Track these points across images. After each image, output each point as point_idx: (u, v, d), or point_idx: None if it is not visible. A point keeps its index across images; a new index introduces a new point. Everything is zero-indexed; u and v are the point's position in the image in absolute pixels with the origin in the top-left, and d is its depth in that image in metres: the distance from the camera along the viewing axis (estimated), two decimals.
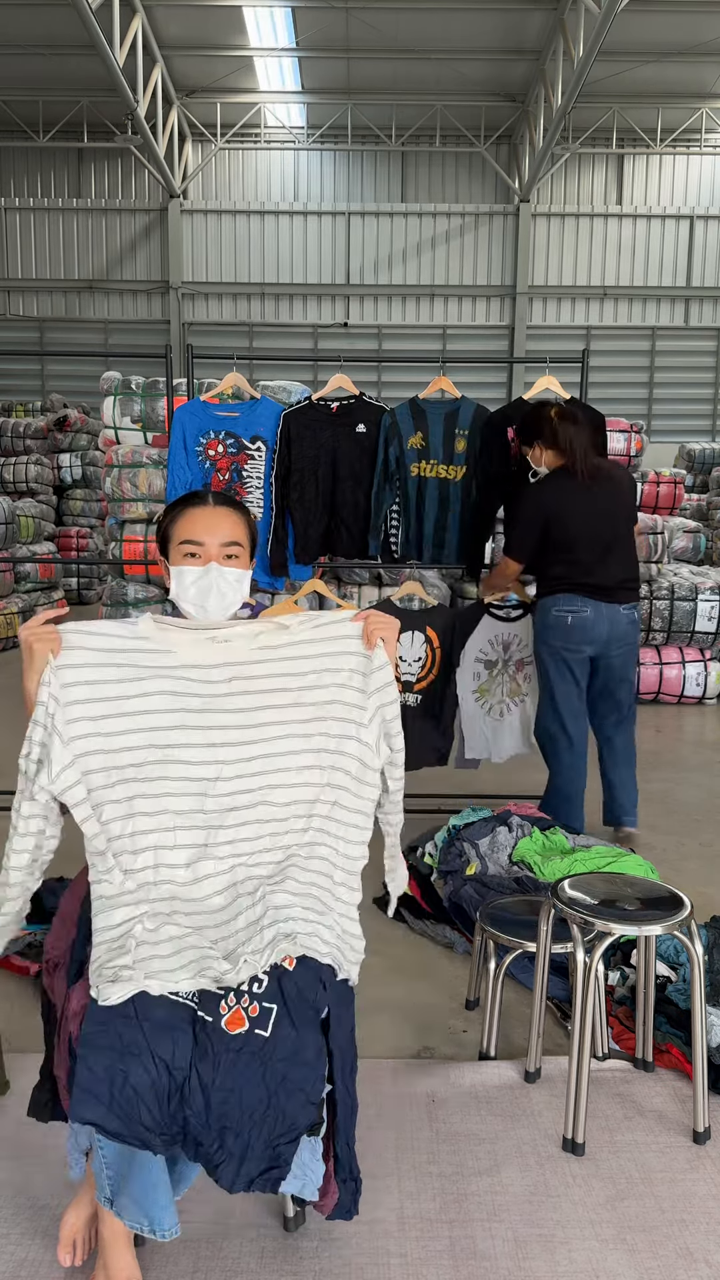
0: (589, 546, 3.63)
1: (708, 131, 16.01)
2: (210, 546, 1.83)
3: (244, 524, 1.90)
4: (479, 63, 13.89)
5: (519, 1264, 1.82)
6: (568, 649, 3.68)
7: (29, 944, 2.84)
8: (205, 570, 1.82)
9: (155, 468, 6.64)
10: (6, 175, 16.36)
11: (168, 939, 1.64)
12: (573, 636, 3.66)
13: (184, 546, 1.84)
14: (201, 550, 1.83)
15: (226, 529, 1.85)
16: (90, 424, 12.06)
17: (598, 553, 3.64)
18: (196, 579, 1.82)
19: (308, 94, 15.09)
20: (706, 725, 6.28)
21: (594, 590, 3.64)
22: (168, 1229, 1.64)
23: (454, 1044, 2.57)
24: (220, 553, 1.84)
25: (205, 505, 1.87)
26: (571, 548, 3.63)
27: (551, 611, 3.69)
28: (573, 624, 3.65)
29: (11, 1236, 1.87)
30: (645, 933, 2.12)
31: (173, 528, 1.88)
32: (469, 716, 4.02)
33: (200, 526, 1.84)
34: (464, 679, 3.99)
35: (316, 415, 3.93)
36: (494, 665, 4.03)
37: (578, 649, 3.68)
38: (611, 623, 3.66)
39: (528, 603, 4.04)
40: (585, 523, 3.62)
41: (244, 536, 1.88)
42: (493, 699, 4.05)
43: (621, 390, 16.26)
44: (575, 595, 3.64)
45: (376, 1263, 1.81)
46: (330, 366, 14.93)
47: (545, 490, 3.66)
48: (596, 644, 3.69)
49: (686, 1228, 1.91)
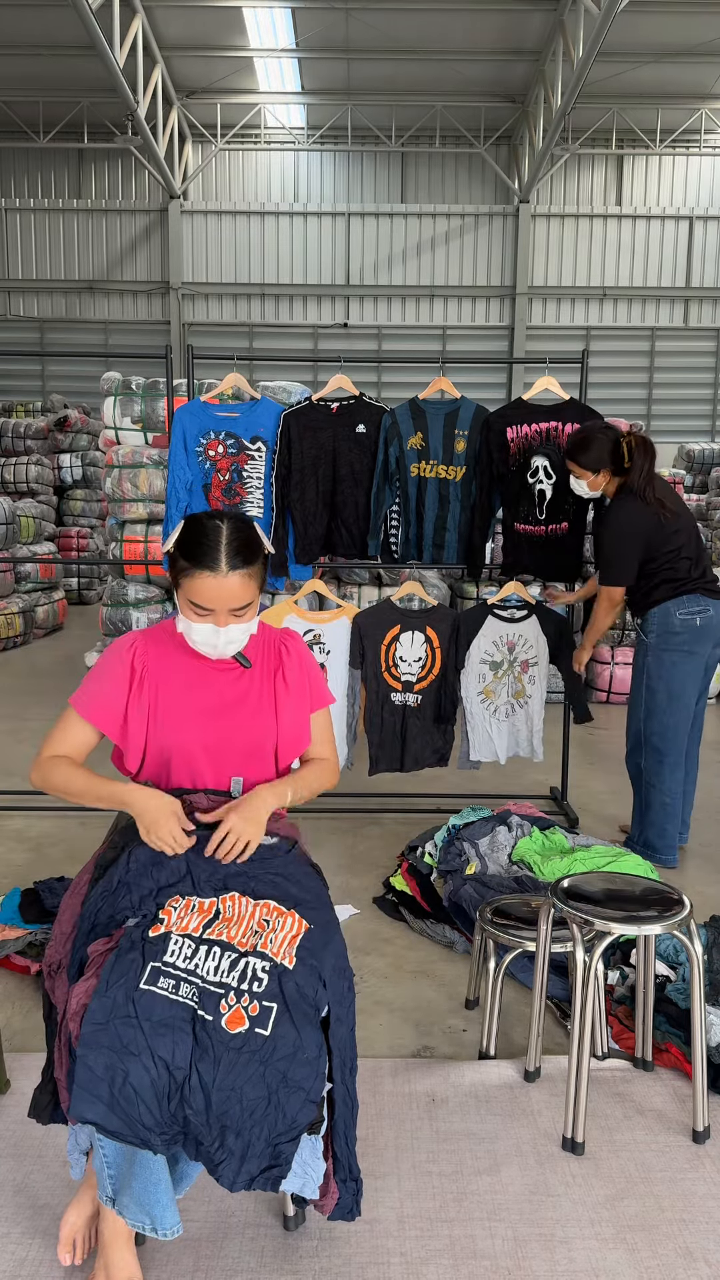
0: (690, 547, 3.60)
1: (707, 132, 16.01)
2: (220, 613, 1.86)
3: (254, 582, 1.89)
4: (479, 63, 13.89)
5: (519, 1263, 1.82)
6: (697, 652, 3.60)
7: (29, 944, 2.84)
8: (214, 631, 1.87)
9: (155, 468, 6.64)
10: (6, 175, 16.37)
11: None
12: (703, 638, 3.59)
13: (193, 605, 1.86)
14: (211, 616, 1.87)
15: (236, 597, 1.86)
16: (90, 424, 12.07)
17: (694, 551, 3.61)
18: (205, 635, 1.88)
19: (308, 95, 15.10)
20: (707, 725, 6.27)
21: (709, 590, 3.61)
22: (170, 1227, 1.64)
23: (454, 1043, 2.57)
24: (229, 618, 1.87)
25: (218, 574, 1.83)
26: (676, 550, 3.58)
27: (676, 615, 3.59)
28: (702, 625, 3.58)
29: (11, 1236, 1.87)
30: (645, 932, 2.12)
31: (183, 579, 1.87)
32: (474, 718, 4.02)
33: (210, 596, 1.84)
34: (469, 680, 3.99)
35: (316, 415, 3.94)
36: (499, 666, 4.03)
37: (708, 651, 3.62)
38: None
39: (532, 604, 4.04)
40: (685, 525, 3.60)
41: (254, 593, 1.90)
42: (498, 700, 4.05)
43: (621, 390, 16.27)
44: (698, 595, 3.59)
45: (376, 1262, 1.81)
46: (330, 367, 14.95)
47: (632, 508, 3.56)
48: (716, 643, 3.64)
49: (686, 1227, 1.92)
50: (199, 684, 1.94)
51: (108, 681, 1.92)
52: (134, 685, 1.92)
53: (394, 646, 3.92)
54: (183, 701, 1.93)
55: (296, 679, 2.01)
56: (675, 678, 3.61)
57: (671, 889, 2.27)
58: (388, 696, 3.94)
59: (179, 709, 1.92)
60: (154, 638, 1.97)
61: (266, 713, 1.96)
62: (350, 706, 3.97)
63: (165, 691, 1.92)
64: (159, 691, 1.92)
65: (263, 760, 1.97)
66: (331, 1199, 1.76)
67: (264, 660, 2.00)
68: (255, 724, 1.95)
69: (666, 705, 3.62)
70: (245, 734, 1.94)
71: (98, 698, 1.92)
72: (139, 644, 1.95)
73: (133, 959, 1.66)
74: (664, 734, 3.64)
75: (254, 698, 1.97)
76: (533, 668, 4.06)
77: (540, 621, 4.04)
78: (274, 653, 2.02)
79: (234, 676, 1.97)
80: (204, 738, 1.92)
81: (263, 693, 1.97)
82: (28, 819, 4.20)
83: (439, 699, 3.97)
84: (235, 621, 1.88)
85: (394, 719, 3.95)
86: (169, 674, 1.94)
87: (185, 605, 1.88)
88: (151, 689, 1.92)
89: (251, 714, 1.95)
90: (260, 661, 1.99)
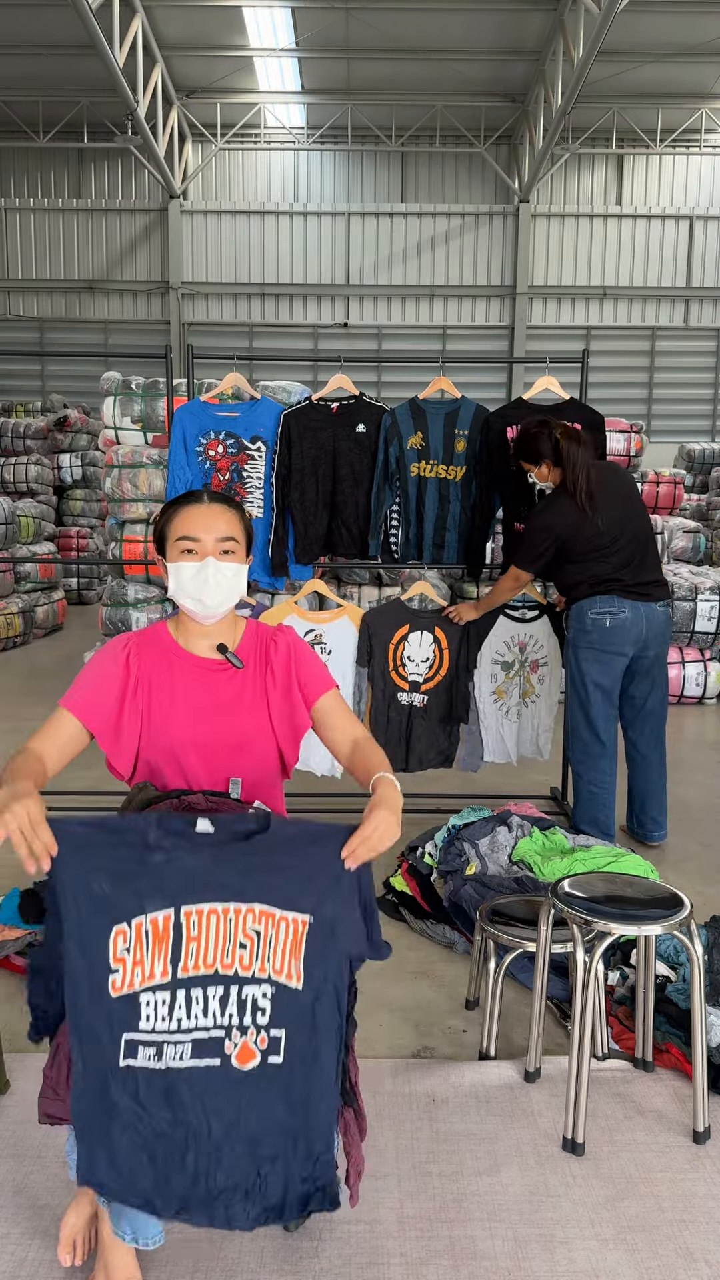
0: (619, 547, 3.61)
1: (708, 131, 16.00)
2: (206, 542, 1.86)
3: (239, 520, 1.92)
4: (479, 63, 13.89)
5: (519, 1264, 1.82)
6: (606, 652, 3.65)
7: (29, 944, 2.84)
8: (202, 565, 1.85)
9: (155, 468, 6.64)
10: (6, 175, 16.36)
11: None
12: (612, 639, 3.64)
13: (181, 543, 1.87)
14: (198, 546, 1.86)
15: (222, 525, 1.88)
16: (90, 424, 12.07)
17: (628, 553, 3.62)
18: (194, 574, 1.85)
19: (308, 94, 15.09)
20: (706, 725, 6.28)
21: (629, 591, 3.62)
22: (151, 1237, 1.65)
23: (454, 1044, 2.57)
24: (216, 548, 1.86)
25: (200, 503, 1.90)
26: (600, 550, 3.61)
27: (589, 614, 3.65)
28: (612, 626, 3.62)
29: (11, 1236, 1.87)
30: (645, 933, 2.12)
31: (169, 526, 1.90)
32: (487, 718, 4.02)
33: (196, 523, 1.87)
34: (482, 681, 3.99)
35: (316, 415, 3.94)
36: (510, 666, 4.03)
37: (619, 651, 3.65)
38: (649, 622, 3.65)
39: (544, 604, 4.04)
40: (612, 525, 3.60)
41: (240, 532, 1.91)
42: (510, 700, 4.06)
43: (621, 390, 16.26)
44: (613, 596, 3.63)
45: (376, 1263, 1.81)
46: (330, 367, 14.94)
47: (561, 502, 3.61)
48: (636, 645, 3.67)
49: (686, 1227, 1.91)
50: (192, 685, 1.92)
51: (101, 681, 1.88)
52: (128, 686, 1.88)
53: (402, 646, 3.93)
54: (176, 702, 1.91)
55: (283, 668, 1.95)
56: (590, 674, 3.68)
57: (672, 889, 2.27)
58: (394, 696, 3.95)
59: (173, 710, 1.90)
60: (147, 639, 1.96)
61: (260, 711, 1.94)
62: (355, 705, 3.97)
63: (159, 693, 1.91)
64: (152, 692, 1.90)
65: (260, 759, 1.95)
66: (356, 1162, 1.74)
67: (255, 659, 1.98)
68: (250, 724, 1.93)
69: (586, 698, 3.70)
70: (240, 734, 1.92)
71: (89, 697, 1.87)
72: (133, 645, 1.94)
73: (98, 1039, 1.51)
74: (589, 725, 3.72)
75: (248, 697, 1.95)
76: (542, 668, 4.07)
77: (551, 622, 4.05)
78: (264, 649, 1.99)
79: (227, 677, 1.95)
80: (197, 738, 1.90)
81: (255, 691, 1.95)
82: None
83: (446, 699, 3.97)
84: (224, 560, 1.86)
85: (399, 718, 3.96)
86: (163, 675, 1.92)
87: (174, 554, 1.88)
88: (145, 690, 1.90)
89: (246, 714, 1.94)
90: (252, 661, 1.98)
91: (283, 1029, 1.53)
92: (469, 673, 3.96)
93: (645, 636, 3.66)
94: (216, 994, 1.52)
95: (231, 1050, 1.51)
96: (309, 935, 1.56)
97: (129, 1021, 1.49)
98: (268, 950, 1.54)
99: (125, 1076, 1.49)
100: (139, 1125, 1.51)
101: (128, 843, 1.53)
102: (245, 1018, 1.52)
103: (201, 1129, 1.51)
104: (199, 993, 1.51)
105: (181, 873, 1.52)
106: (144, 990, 1.50)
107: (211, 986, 1.52)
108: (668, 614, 3.73)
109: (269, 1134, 1.54)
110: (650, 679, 3.77)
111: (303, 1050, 1.55)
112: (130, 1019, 1.49)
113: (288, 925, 1.55)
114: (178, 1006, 1.51)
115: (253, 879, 1.54)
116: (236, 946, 1.53)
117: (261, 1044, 1.52)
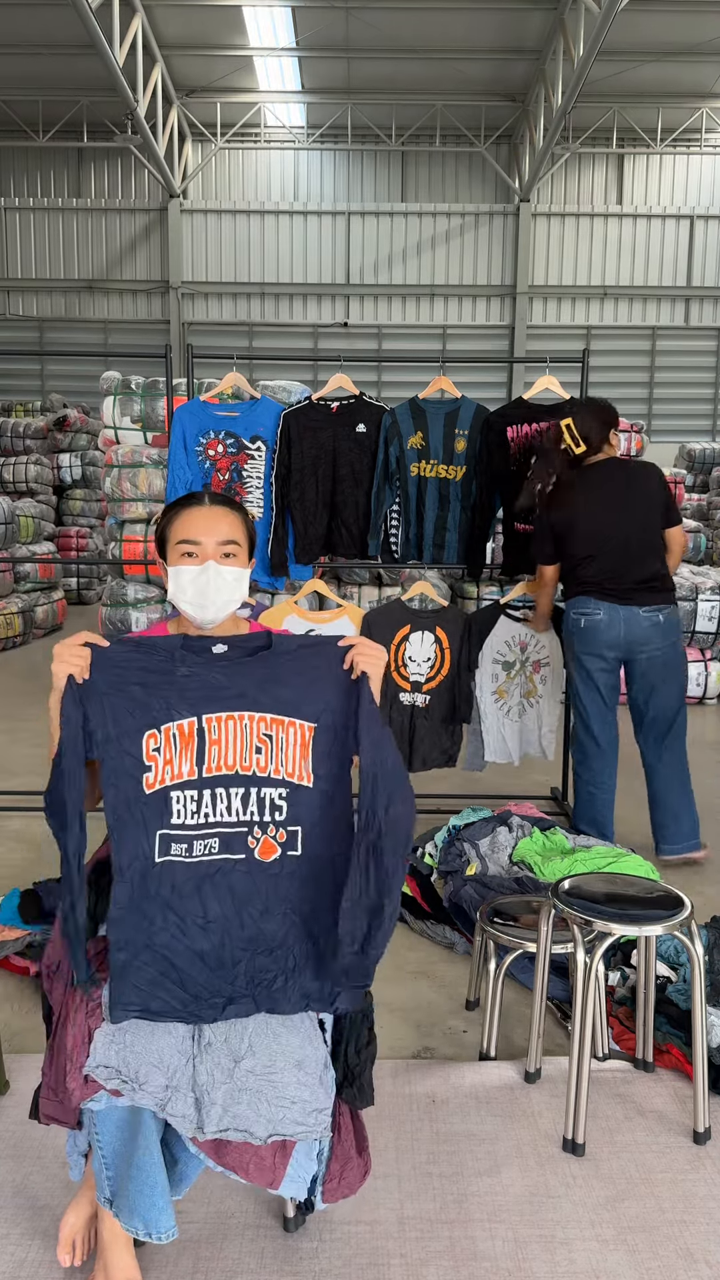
0: (608, 550, 3.60)
1: (708, 131, 16.01)
2: (207, 545, 1.83)
3: (241, 523, 1.90)
4: (479, 62, 13.89)
5: (519, 1264, 1.81)
6: (585, 653, 3.67)
7: (29, 944, 2.84)
8: (203, 569, 1.81)
9: (155, 468, 6.64)
10: (6, 175, 16.36)
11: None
12: (587, 640, 3.65)
13: (181, 546, 1.84)
14: (198, 549, 1.83)
15: (224, 528, 1.85)
16: (90, 424, 12.06)
17: (615, 556, 3.60)
18: (194, 578, 1.81)
19: (308, 94, 15.09)
20: (707, 725, 6.27)
21: (606, 593, 3.61)
22: (164, 1231, 1.63)
23: (454, 1044, 2.57)
24: (217, 551, 1.83)
25: (202, 505, 1.87)
26: (582, 551, 3.62)
27: (570, 615, 3.71)
28: (585, 627, 3.63)
29: (11, 1236, 1.87)
30: (645, 933, 2.12)
31: (170, 528, 1.88)
32: (488, 718, 4.02)
33: (197, 526, 1.84)
34: (483, 680, 3.99)
35: (316, 415, 3.93)
36: (511, 666, 4.03)
37: (597, 653, 3.65)
38: (629, 625, 3.60)
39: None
40: (595, 526, 3.60)
41: (241, 535, 1.88)
42: (511, 700, 4.05)
43: (621, 390, 16.25)
44: (588, 598, 3.63)
45: (376, 1263, 1.81)
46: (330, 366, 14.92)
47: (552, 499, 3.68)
48: (617, 648, 3.65)
49: (687, 1228, 1.91)
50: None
51: None
52: None
53: (404, 646, 3.93)
54: None
55: None
56: (578, 673, 3.73)
57: (672, 890, 2.27)
58: (396, 696, 3.94)
59: None
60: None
61: None
62: None
63: None
64: None
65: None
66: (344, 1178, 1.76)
67: None
68: None
69: (577, 697, 3.75)
70: None
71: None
72: None
73: (136, 837, 1.63)
74: (583, 725, 3.76)
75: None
76: (544, 668, 4.06)
77: (553, 622, 4.04)
78: None
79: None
80: None
81: None
82: (27, 819, 4.19)
83: (448, 699, 3.97)
84: (225, 563, 1.83)
85: (401, 719, 3.95)
86: None
87: (175, 557, 1.85)
88: None
89: None
90: None
91: (299, 826, 1.68)
92: (470, 672, 3.96)
93: (625, 640, 3.62)
94: (238, 793, 1.67)
95: (254, 845, 1.65)
96: (314, 739, 1.71)
97: (162, 816, 1.64)
98: (280, 754, 1.69)
99: (162, 871, 1.63)
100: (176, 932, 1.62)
101: (158, 660, 1.70)
102: (265, 815, 1.67)
103: (233, 922, 1.64)
104: (223, 791, 1.67)
105: (205, 686, 1.69)
106: (174, 787, 1.65)
107: (234, 786, 1.67)
108: (658, 619, 3.62)
109: (298, 921, 1.66)
110: (648, 684, 3.71)
111: (317, 846, 1.68)
112: (163, 814, 1.64)
113: (296, 730, 1.71)
114: (204, 803, 1.66)
115: (265, 690, 1.71)
116: (253, 750, 1.68)
117: (280, 839, 1.67)
